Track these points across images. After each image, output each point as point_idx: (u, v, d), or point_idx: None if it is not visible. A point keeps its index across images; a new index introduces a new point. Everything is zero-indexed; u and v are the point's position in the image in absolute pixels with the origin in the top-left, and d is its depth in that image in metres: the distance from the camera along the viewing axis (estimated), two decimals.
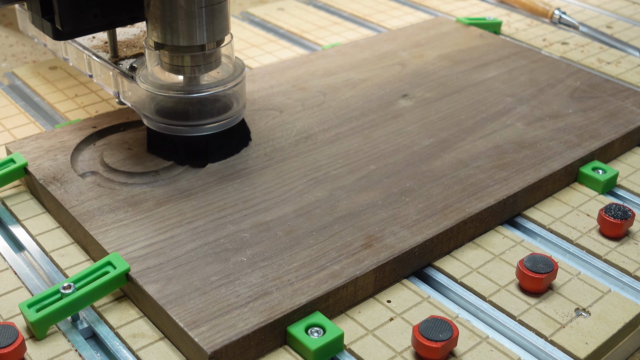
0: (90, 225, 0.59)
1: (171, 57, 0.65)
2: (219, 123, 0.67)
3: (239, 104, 0.69)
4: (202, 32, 0.64)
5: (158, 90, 0.66)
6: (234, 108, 0.69)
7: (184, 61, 0.65)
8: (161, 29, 0.64)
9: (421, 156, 0.70)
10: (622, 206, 0.64)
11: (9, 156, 0.68)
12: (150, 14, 0.64)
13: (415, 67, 0.89)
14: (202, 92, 0.66)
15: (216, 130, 0.67)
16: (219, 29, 0.65)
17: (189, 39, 0.64)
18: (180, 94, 0.66)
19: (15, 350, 0.49)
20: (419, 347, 0.51)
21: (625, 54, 0.99)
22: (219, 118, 0.67)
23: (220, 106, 0.68)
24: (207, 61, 0.66)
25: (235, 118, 0.69)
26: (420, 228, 0.61)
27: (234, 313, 0.51)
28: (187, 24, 0.63)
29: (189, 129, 0.67)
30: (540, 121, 0.77)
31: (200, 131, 0.67)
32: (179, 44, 0.64)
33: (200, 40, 0.64)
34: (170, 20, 0.63)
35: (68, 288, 0.53)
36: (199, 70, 0.66)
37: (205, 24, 0.63)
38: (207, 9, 0.63)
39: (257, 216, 0.61)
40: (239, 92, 0.69)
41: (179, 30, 0.63)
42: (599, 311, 0.56)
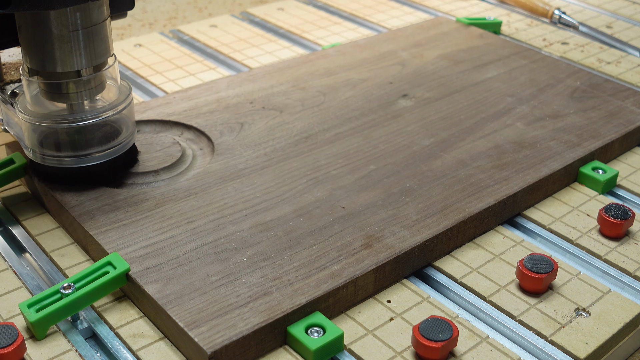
0: (90, 225, 0.59)
1: (47, 84, 0.61)
2: (106, 152, 0.63)
3: (128, 129, 0.65)
4: (79, 57, 0.59)
5: (36, 120, 0.61)
6: (123, 134, 0.64)
7: (62, 88, 0.60)
8: (35, 54, 0.59)
9: (421, 156, 0.70)
10: (622, 206, 0.64)
11: (9, 156, 0.68)
12: (22, 38, 0.59)
13: (415, 67, 0.89)
14: (87, 120, 0.61)
15: (104, 159, 0.63)
16: (97, 52, 0.60)
17: (62, 65, 0.59)
18: (62, 123, 0.61)
19: (15, 350, 0.49)
20: (419, 347, 0.51)
21: (625, 54, 0.99)
22: (106, 146, 0.63)
23: (107, 134, 0.64)
24: (87, 87, 0.61)
25: (124, 145, 0.64)
26: (420, 228, 0.61)
27: (234, 313, 0.51)
28: (59, 49, 0.58)
29: (75, 160, 0.62)
30: (540, 121, 0.77)
31: (87, 161, 0.62)
32: (54, 70, 0.59)
33: (76, 66, 0.59)
34: (42, 45, 0.58)
35: (68, 288, 0.53)
36: (80, 97, 0.61)
37: (82, 48, 0.59)
38: (83, 32, 0.59)
39: (257, 216, 0.61)
40: (126, 117, 0.64)
41: (52, 55, 0.59)
42: (599, 311, 0.56)
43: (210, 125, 0.74)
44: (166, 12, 1.31)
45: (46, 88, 0.61)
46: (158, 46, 1.00)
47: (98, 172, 0.64)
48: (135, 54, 0.97)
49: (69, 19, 0.58)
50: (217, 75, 0.92)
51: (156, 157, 0.69)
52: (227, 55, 0.98)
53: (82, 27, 0.59)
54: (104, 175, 0.64)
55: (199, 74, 0.92)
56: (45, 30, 0.58)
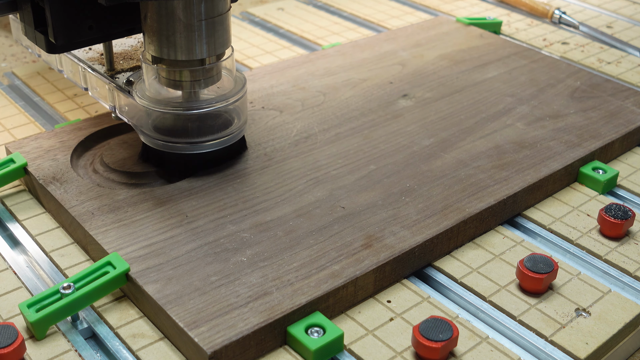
0: (90, 225, 0.59)
1: (169, 71, 0.63)
2: (220, 140, 0.65)
3: (240, 119, 0.67)
4: (202, 45, 0.61)
5: (155, 106, 0.63)
6: (235, 124, 0.66)
7: (183, 76, 0.63)
8: (158, 43, 0.61)
9: (421, 156, 0.70)
10: (622, 206, 0.64)
11: (8, 156, 0.68)
12: (147, 27, 0.61)
13: (415, 67, 0.89)
14: (201, 108, 0.63)
15: (216, 147, 0.65)
16: (220, 42, 0.62)
17: (187, 53, 0.61)
18: (179, 110, 0.63)
19: (15, 351, 0.49)
20: (419, 347, 0.51)
21: (625, 54, 0.99)
22: (219, 135, 0.65)
23: (221, 122, 0.66)
24: (206, 76, 0.63)
25: (237, 134, 0.66)
26: (420, 228, 0.60)
27: (233, 313, 0.51)
28: (185, 37, 0.60)
29: (188, 146, 0.64)
30: (540, 121, 0.77)
31: (199, 149, 0.64)
32: (177, 58, 0.61)
33: (199, 55, 0.61)
34: (168, 34, 0.60)
35: (68, 288, 0.53)
36: (199, 85, 0.63)
37: (205, 37, 0.61)
38: (207, 22, 0.60)
39: (257, 216, 0.61)
40: (240, 108, 0.66)
41: (177, 44, 0.60)
42: (599, 311, 0.56)
43: None
44: None
45: (167, 76, 0.63)
46: None
47: (215, 159, 0.66)
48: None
49: (195, 8, 0.59)
50: None
51: None
52: None
53: (208, 16, 0.60)
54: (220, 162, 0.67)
55: None
56: (173, 19, 0.60)
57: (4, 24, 1.21)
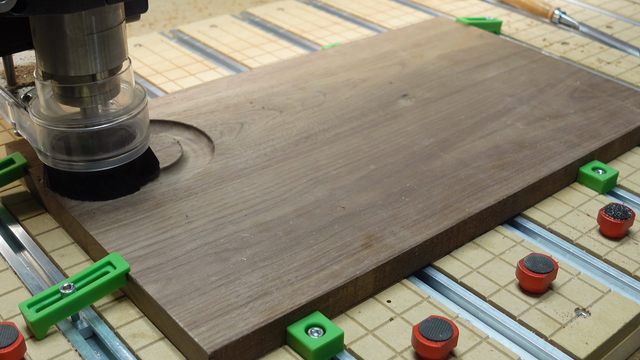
0: (90, 225, 0.59)
1: (61, 88, 0.60)
2: (122, 156, 0.62)
3: (142, 134, 0.64)
4: (94, 60, 0.58)
5: (50, 124, 0.60)
6: (137, 138, 0.64)
7: (76, 92, 0.60)
8: (48, 58, 0.58)
9: (421, 156, 0.70)
10: (622, 206, 0.64)
11: (8, 156, 0.68)
12: (37, 42, 0.59)
13: (415, 67, 0.89)
14: (100, 125, 0.60)
15: (118, 164, 0.62)
16: (112, 56, 0.60)
17: (78, 69, 0.58)
18: (74, 127, 0.60)
19: (15, 350, 0.49)
20: (419, 347, 0.51)
21: (625, 54, 0.99)
22: (120, 151, 0.62)
23: (123, 137, 0.63)
24: (101, 91, 0.60)
25: (139, 149, 0.64)
26: (420, 228, 0.61)
27: (234, 313, 0.51)
28: (74, 52, 0.58)
29: (89, 164, 0.61)
30: (540, 121, 0.77)
31: (101, 166, 0.62)
32: (68, 74, 0.59)
33: (91, 70, 0.59)
34: (56, 49, 0.58)
35: (68, 288, 0.53)
36: (93, 101, 0.61)
37: (97, 51, 0.58)
38: (98, 36, 0.58)
39: (257, 216, 0.61)
40: (141, 121, 0.64)
41: (66, 59, 0.58)
42: (599, 311, 0.56)
43: (210, 125, 0.74)
44: (166, 12, 1.31)
45: (60, 92, 0.61)
46: (158, 46, 1.00)
47: (113, 178, 0.63)
48: (135, 54, 0.97)
49: (84, 22, 0.57)
50: (217, 75, 0.92)
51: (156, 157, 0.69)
52: (227, 55, 0.98)
53: (98, 30, 0.58)
54: (119, 182, 0.63)
55: (198, 74, 0.92)
56: (60, 34, 0.57)
57: None
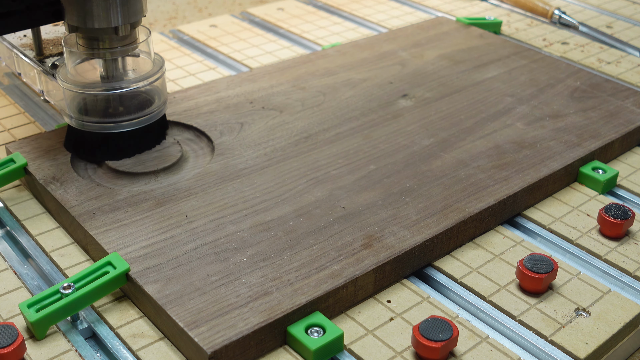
0: (90, 225, 0.59)
1: (86, 40, 0.65)
2: (140, 119, 0.68)
3: (160, 99, 0.70)
4: (116, 14, 0.63)
5: (76, 88, 0.66)
6: (155, 104, 0.69)
7: (100, 44, 0.65)
8: (74, 11, 0.64)
9: (421, 156, 0.70)
10: (622, 206, 0.64)
11: (9, 156, 0.68)
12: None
13: (415, 67, 0.89)
14: (121, 89, 0.66)
15: (137, 126, 0.68)
16: (133, 11, 0.65)
17: (101, 21, 0.63)
18: (99, 90, 0.66)
19: (15, 350, 0.49)
20: (419, 347, 0.51)
21: (625, 54, 0.99)
22: (140, 114, 0.67)
23: (140, 102, 0.68)
24: (122, 44, 0.66)
25: (157, 114, 0.69)
26: (420, 228, 0.60)
27: (234, 313, 0.51)
28: (98, 5, 0.63)
29: (110, 125, 0.67)
30: (540, 121, 0.77)
31: (120, 128, 0.67)
32: (92, 26, 0.64)
33: (113, 22, 0.64)
34: (82, 2, 0.63)
35: (68, 288, 0.53)
36: (115, 54, 0.66)
37: (119, 5, 0.63)
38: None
39: (257, 216, 0.61)
40: (159, 88, 0.69)
41: (91, 12, 0.63)
42: (599, 311, 0.56)
43: (210, 125, 0.74)
44: (166, 12, 1.31)
45: (85, 44, 0.66)
46: (158, 46, 1.00)
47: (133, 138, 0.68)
48: None
49: None
50: (217, 75, 0.92)
51: (156, 157, 0.69)
52: (227, 55, 0.98)
53: None
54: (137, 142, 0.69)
55: (198, 74, 0.92)
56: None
57: None
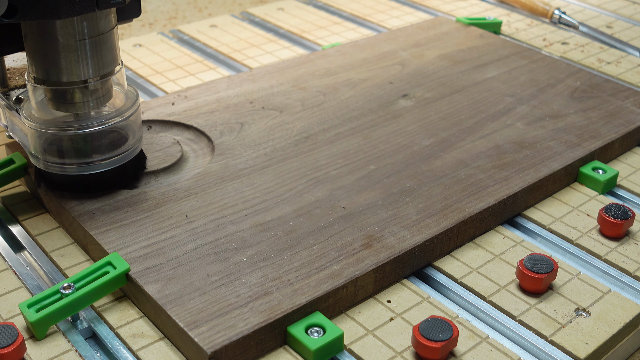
0: (90, 225, 0.59)
1: (54, 92, 0.60)
2: (113, 159, 0.62)
3: (135, 136, 0.64)
4: (86, 66, 0.58)
5: (41, 126, 0.60)
6: (130, 141, 0.63)
7: (68, 98, 0.60)
8: (40, 64, 0.58)
9: (421, 156, 0.70)
10: (622, 206, 0.64)
11: (8, 156, 0.68)
12: (28, 47, 0.59)
13: (415, 67, 0.89)
14: (91, 127, 0.60)
15: (110, 166, 0.62)
16: (105, 61, 0.60)
17: (69, 75, 0.58)
18: (66, 129, 0.60)
19: (15, 350, 0.49)
20: (419, 347, 0.51)
21: (625, 54, 0.99)
22: (112, 154, 0.62)
23: (114, 140, 0.63)
24: (94, 96, 0.60)
25: (131, 152, 0.63)
26: (420, 228, 0.60)
27: (234, 313, 0.51)
28: (66, 58, 0.57)
29: (80, 167, 0.61)
30: (540, 121, 0.77)
31: (93, 169, 0.62)
32: (60, 79, 0.58)
33: (83, 75, 0.59)
34: (47, 54, 0.58)
35: (68, 288, 0.53)
36: (86, 107, 0.60)
37: (89, 57, 0.58)
38: (90, 41, 0.58)
39: (257, 216, 0.61)
40: (133, 123, 0.64)
41: (58, 65, 0.58)
42: (599, 311, 0.56)
43: (210, 125, 0.74)
44: (166, 12, 1.31)
45: (52, 97, 0.60)
46: (158, 46, 1.00)
47: (106, 179, 0.63)
48: (135, 54, 0.97)
49: (75, 28, 0.57)
50: (217, 75, 0.92)
51: (156, 157, 0.69)
52: (227, 55, 0.98)
53: (89, 36, 0.58)
54: (111, 182, 0.64)
55: (198, 74, 0.92)
56: (52, 40, 0.57)
57: None
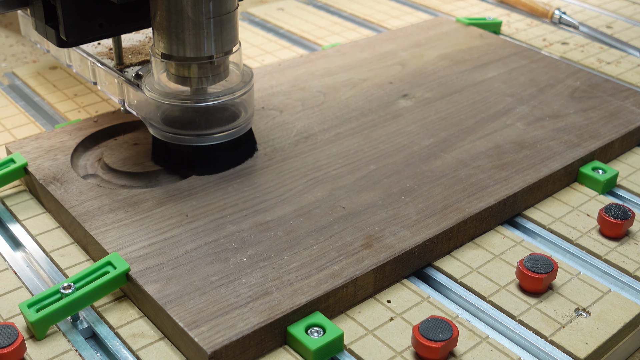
0: (90, 225, 0.59)
1: (178, 68, 0.64)
2: (227, 132, 0.66)
3: (247, 112, 0.68)
4: (210, 43, 0.62)
5: (164, 99, 0.65)
6: (242, 117, 0.67)
7: (191, 72, 0.64)
8: (168, 40, 0.62)
9: (421, 156, 0.70)
10: (622, 206, 0.64)
11: (9, 156, 0.68)
12: (157, 25, 0.62)
13: (415, 67, 0.89)
14: (209, 101, 0.64)
15: (223, 139, 0.66)
16: (228, 39, 0.63)
17: (196, 51, 0.62)
18: (187, 103, 0.65)
19: (15, 350, 0.49)
20: (419, 347, 0.51)
21: (625, 54, 0.99)
22: (226, 127, 0.66)
23: (228, 115, 0.67)
24: (215, 72, 0.64)
25: (243, 127, 0.67)
26: (420, 228, 0.60)
27: (234, 313, 0.51)
28: (194, 35, 0.61)
29: (195, 138, 0.65)
30: (540, 121, 0.77)
31: (207, 140, 0.65)
32: (185, 55, 0.62)
33: (208, 52, 0.62)
34: (177, 32, 0.61)
35: (68, 288, 0.53)
36: (207, 82, 0.64)
37: (214, 34, 0.62)
38: (215, 20, 0.61)
39: (257, 216, 0.61)
40: (246, 101, 0.67)
41: (186, 41, 0.62)
42: (599, 311, 0.56)
43: None
44: None
45: (176, 72, 0.64)
46: None
47: (219, 152, 0.67)
48: None
49: (203, 7, 0.60)
50: None
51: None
52: None
53: (216, 14, 0.61)
54: (225, 157, 0.67)
55: None
56: (182, 17, 0.61)
57: (5, 24, 1.21)
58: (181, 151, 0.66)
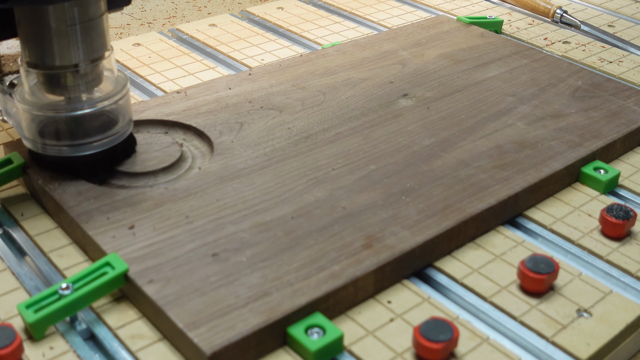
0: (89, 226, 0.59)
1: (46, 76, 0.62)
2: (103, 141, 0.64)
3: (125, 120, 0.66)
4: (77, 50, 0.61)
5: (34, 110, 0.62)
6: (119, 124, 0.65)
7: (61, 81, 0.62)
8: (32, 49, 0.61)
9: (421, 156, 0.70)
10: (624, 206, 0.64)
11: (6, 156, 0.68)
12: (22, 33, 0.61)
13: (415, 66, 0.88)
14: (82, 110, 0.63)
15: (101, 148, 0.64)
16: (95, 46, 0.62)
17: (61, 59, 0.60)
18: (58, 112, 0.62)
19: (13, 352, 0.49)
20: (419, 348, 0.50)
21: (627, 53, 0.99)
22: (102, 136, 0.64)
23: (104, 123, 0.65)
24: (84, 80, 0.62)
25: (121, 135, 0.66)
26: (421, 228, 0.60)
27: (233, 314, 0.51)
28: (58, 43, 0.60)
29: (71, 149, 0.63)
30: (541, 121, 0.77)
31: (83, 150, 0.64)
32: (52, 63, 0.61)
33: (75, 59, 0.61)
34: (40, 40, 0.60)
35: (66, 289, 0.53)
36: (77, 90, 0.62)
37: (80, 42, 0.61)
38: (81, 27, 0.60)
39: (256, 216, 0.61)
40: (123, 107, 0.66)
41: (51, 49, 0.60)
42: (601, 312, 0.56)
43: (209, 125, 0.74)
44: (165, 11, 1.31)
45: (45, 81, 0.62)
46: (157, 45, 1.00)
47: (96, 161, 0.65)
48: (134, 53, 0.97)
49: (67, 13, 0.59)
50: (216, 74, 0.92)
51: (155, 157, 0.69)
52: (227, 54, 0.98)
53: (80, 21, 0.60)
54: (102, 165, 0.65)
55: (198, 73, 0.92)
56: (44, 25, 0.59)
57: None
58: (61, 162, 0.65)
